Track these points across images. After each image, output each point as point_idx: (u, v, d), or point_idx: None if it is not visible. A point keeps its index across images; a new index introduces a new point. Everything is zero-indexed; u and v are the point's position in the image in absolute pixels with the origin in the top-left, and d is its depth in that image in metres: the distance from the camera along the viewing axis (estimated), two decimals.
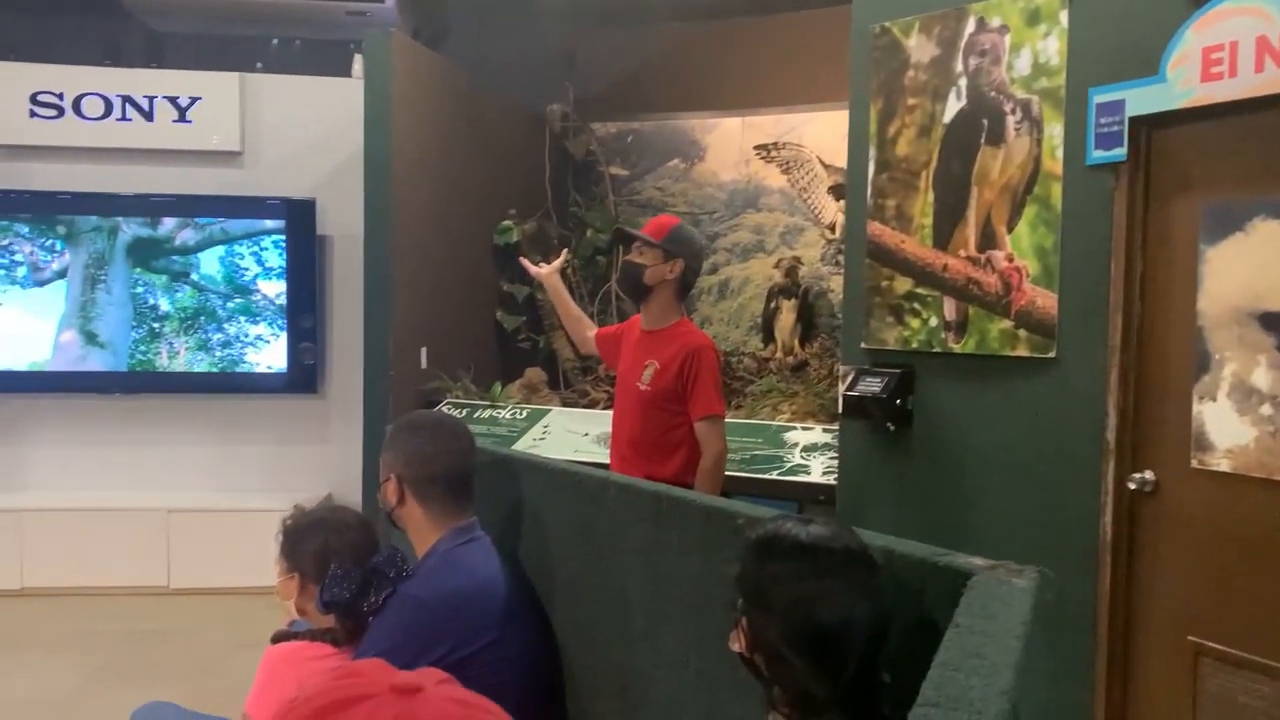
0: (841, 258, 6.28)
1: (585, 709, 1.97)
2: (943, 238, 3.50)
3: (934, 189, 3.53)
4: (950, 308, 3.48)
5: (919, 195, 3.58)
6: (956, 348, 3.45)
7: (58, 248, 5.42)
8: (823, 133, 6.29)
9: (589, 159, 7.04)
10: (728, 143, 6.87)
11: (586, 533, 1.92)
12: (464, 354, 5.88)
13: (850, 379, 3.71)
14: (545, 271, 3.41)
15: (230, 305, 5.51)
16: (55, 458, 5.44)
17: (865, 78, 3.76)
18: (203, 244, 5.55)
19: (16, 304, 5.37)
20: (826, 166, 6.31)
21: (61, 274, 5.44)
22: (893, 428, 3.61)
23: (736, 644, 1.37)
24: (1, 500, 5.20)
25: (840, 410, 3.76)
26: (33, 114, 5.30)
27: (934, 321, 3.52)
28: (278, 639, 1.93)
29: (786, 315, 6.35)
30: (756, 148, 6.64)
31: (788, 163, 6.58)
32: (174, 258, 5.51)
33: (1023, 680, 0.85)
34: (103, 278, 5.42)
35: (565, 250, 3.45)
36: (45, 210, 5.32)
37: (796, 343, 6.30)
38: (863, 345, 3.74)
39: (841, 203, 6.27)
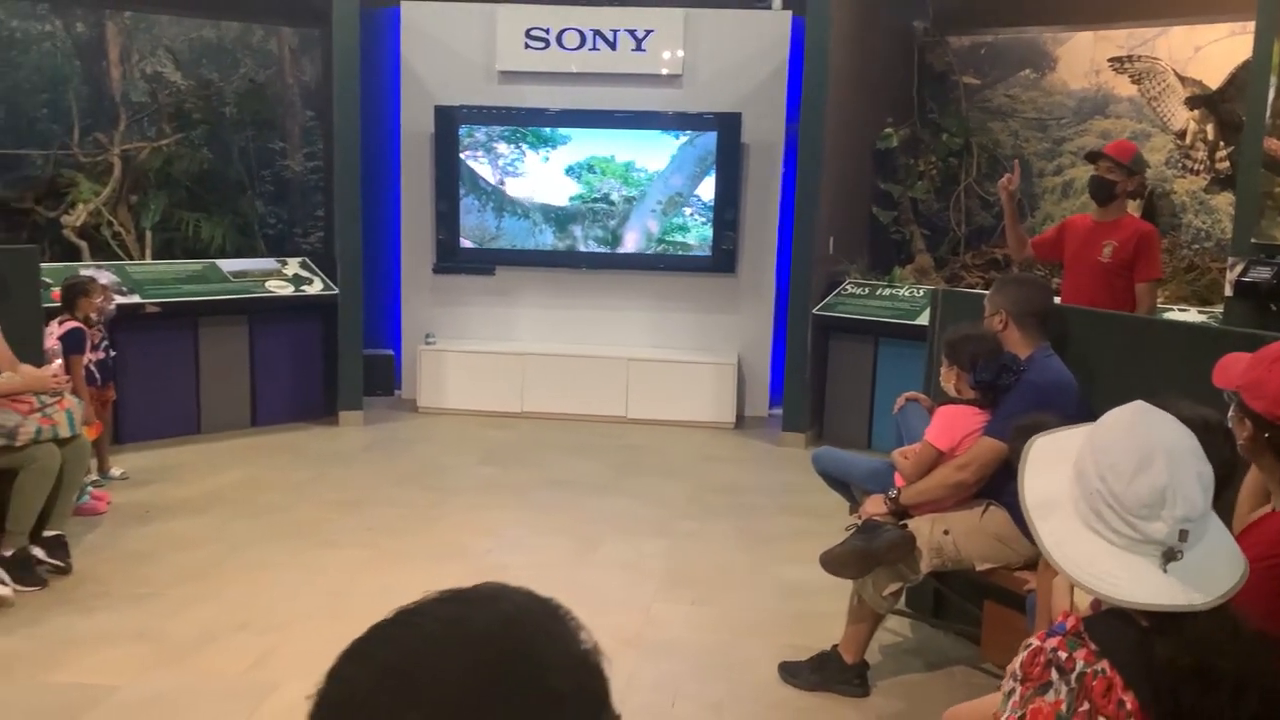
0: (1188, 162, 6.97)
1: None
2: None
3: None
4: None
5: None
6: None
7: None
8: (1177, 45, 6.88)
9: (944, 69, 7.89)
10: (1079, 54, 7.55)
11: (1131, 355, 3.02)
12: (849, 243, 7.02)
13: (1241, 267, 4.58)
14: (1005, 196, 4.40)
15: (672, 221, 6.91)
16: (538, 317, 7.06)
17: (1271, 13, 4.52)
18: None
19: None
20: (1182, 79, 6.90)
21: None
22: (1275, 309, 4.48)
23: None
24: (506, 346, 6.88)
25: (1230, 293, 4.65)
26: (526, 46, 6.75)
27: None
28: (944, 403, 3.18)
29: None
30: (1110, 60, 7.29)
31: (1140, 74, 7.20)
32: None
33: None
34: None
35: (1011, 175, 4.35)
36: (531, 123, 6.80)
37: None
38: (1253, 240, 4.59)
39: (1194, 112, 6.91)
